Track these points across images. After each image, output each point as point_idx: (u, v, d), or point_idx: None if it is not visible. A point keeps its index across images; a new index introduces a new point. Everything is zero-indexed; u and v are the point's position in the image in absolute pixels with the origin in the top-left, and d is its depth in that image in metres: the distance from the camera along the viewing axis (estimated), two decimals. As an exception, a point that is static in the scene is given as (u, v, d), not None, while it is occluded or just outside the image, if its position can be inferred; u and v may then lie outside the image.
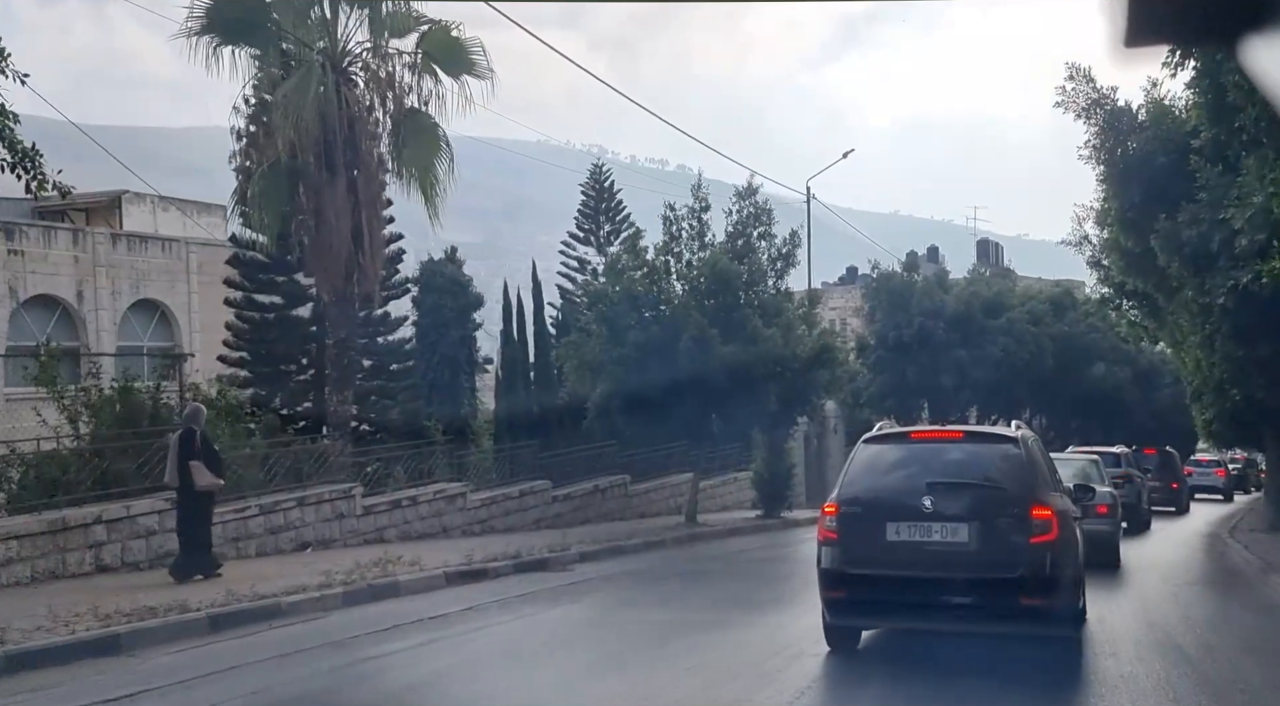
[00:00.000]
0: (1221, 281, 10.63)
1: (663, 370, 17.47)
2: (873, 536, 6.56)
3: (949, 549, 6.39)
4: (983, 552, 6.36)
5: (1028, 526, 6.32)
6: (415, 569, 11.14)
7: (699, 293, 18.02)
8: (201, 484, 10.18)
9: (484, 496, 16.72)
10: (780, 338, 17.76)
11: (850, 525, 6.67)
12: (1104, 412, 38.78)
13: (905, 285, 32.15)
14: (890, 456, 7.02)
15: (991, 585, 6.33)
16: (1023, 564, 6.27)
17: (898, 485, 6.69)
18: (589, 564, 13.68)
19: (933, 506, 6.41)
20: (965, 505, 6.47)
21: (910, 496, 6.52)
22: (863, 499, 6.74)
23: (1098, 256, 19.21)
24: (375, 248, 15.76)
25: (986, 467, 6.76)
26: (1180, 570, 13.13)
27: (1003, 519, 6.45)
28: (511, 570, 12.36)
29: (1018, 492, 6.53)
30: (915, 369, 30.82)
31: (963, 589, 6.41)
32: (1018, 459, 6.73)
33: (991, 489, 6.61)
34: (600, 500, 20.46)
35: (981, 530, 6.39)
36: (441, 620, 8.77)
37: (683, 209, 19.58)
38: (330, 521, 13.36)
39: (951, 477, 6.61)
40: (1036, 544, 6.28)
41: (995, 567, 6.33)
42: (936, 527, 6.41)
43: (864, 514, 6.66)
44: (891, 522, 6.52)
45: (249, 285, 20.80)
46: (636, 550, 15.38)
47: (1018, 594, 6.27)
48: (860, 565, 6.62)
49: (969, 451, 7.04)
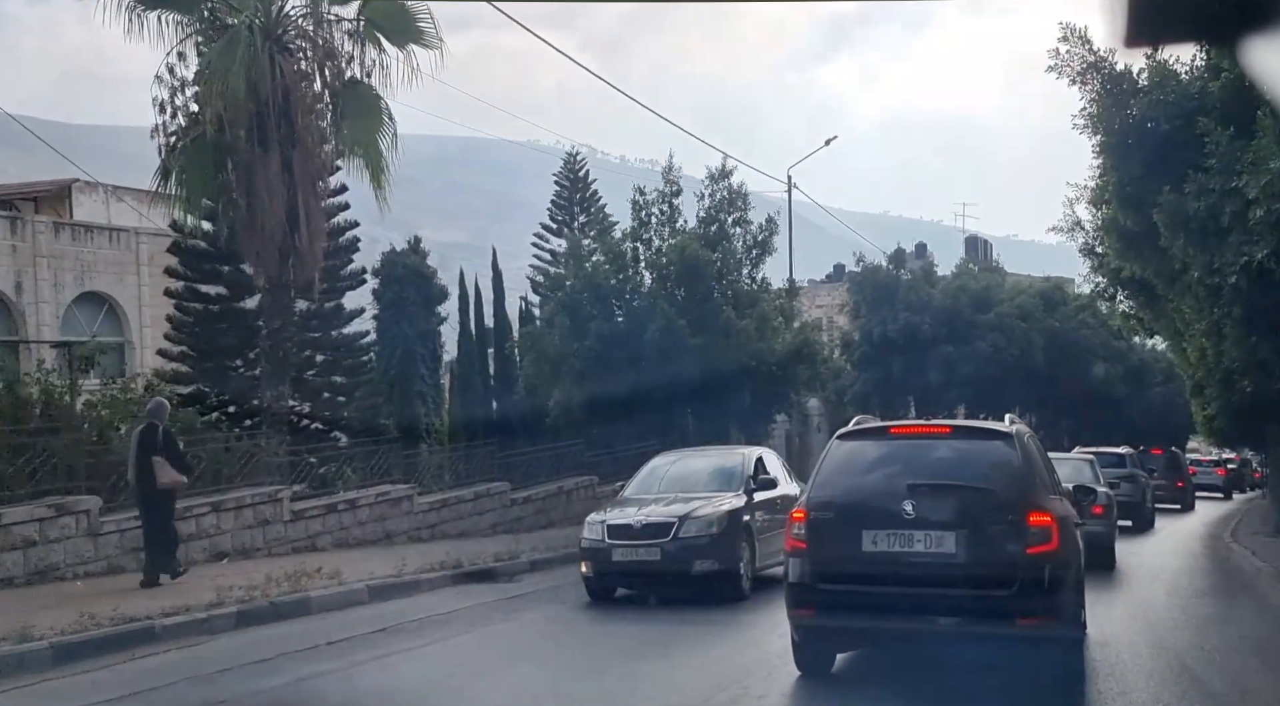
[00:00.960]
0: (1233, 258, 9.51)
1: (628, 364, 16.34)
2: (846, 546, 5.78)
3: (933, 561, 5.63)
4: (972, 565, 5.60)
5: (1024, 535, 5.56)
6: (334, 582, 9.93)
7: (668, 282, 16.87)
8: (164, 481, 9.70)
9: (434, 499, 15.49)
10: (755, 330, 16.63)
11: (821, 533, 5.89)
12: (1095, 411, 37.80)
13: (891, 280, 31.06)
14: (868, 455, 6.25)
15: (982, 603, 5.56)
16: (1018, 578, 5.50)
17: (875, 487, 5.94)
18: (540, 573, 12.50)
19: (915, 512, 5.65)
20: (952, 510, 5.73)
21: (889, 500, 5.75)
22: (836, 503, 5.98)
23: (1091, 243, 18.12)
24: (314, 231, 14.53)
25: (977, 468, 6.01)
26: (1185, 579, 12.04)
27: (995, 526, 5.71)
28: (448, 581, 11.17)
29: (1012, 496, 5.78)
30: (901, 365, 29.72)
31: (949, 607, 5.65)
32: (1012, 458, 5.96)
33: (982, 492, 5.86)
34: (565, 503, 19.24)
35: (971, 539, 5.63)
36: (341, 647, 7.56)
37: (653, 193, 18.47)
38: (253, 528, 12.12)
39: (937, 479, 5.89)
40: (1034, 555, 5.50)
41: (986, 583, 5.57)
42: (919, 536, 5.64)
43: (837, 520, 5.90)
44: (868, 530, 5.75)
45: (191, 275, 19.55)
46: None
47: (1012, 614, 5.49)
48: (832, 579, 5.84)
49: (957, 449, 6.24)
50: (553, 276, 16.25)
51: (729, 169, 18.21)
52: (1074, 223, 18.31)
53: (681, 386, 16.44)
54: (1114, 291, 18.16)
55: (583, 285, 15.98)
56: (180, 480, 10.04)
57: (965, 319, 30.44)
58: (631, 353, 16.23)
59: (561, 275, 16.30)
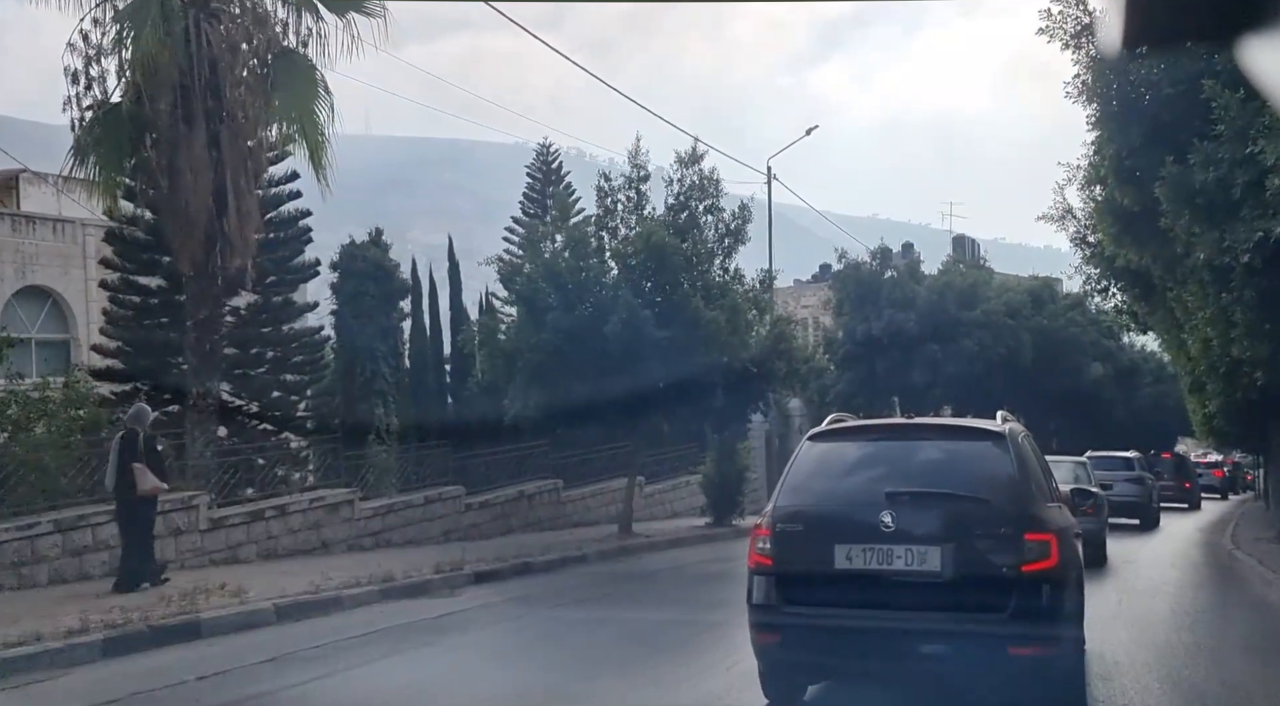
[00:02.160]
0: (1246, 235, 8.49)
1: (592, 360, 15.20)
2: (817, 563, 5.14)
3: (916, 580, 4.95)
4: (960, 585, 4.90)
5: (1019, 550, 4.89)
6: (235, 601, 8.78)
7: (633, 271, 15.74)
8: (144, 488, 9.61)
9: (377, 505, 14.34)
10: (726, 322, 15.51)
11: (788, 548, 5.23)
12: (1083, 411, 36.91)
13: (874, 277, 30.07)
14: (843, 457, 5.55)
15: (972, 628, 4.86)
16: (1012, 600, 4.83)
17: (851, 496, 5.28)
18: (485, 586, 11.36)
19: (895, 524, 4.98)
20: (938, 522, 5.04)
21: (866, 510, 5.06)
22: (805, 513, 5.29)
23: (1083, 231, 17.13)
24: (245, 214, 13.36)
25: (966, 473, 5.33)
26: (1190, 594, 11.01)
27: (987, 540, 5.03)
28: (377, 597, 10.03)
29: (1006, 506, 5.10)
30: (885, 364, 28.72)
31: (933, 632, 4.94)
32: (1005, 461, 5.27)
33: (972, 501, 5.14)
34: (527, 508, 18.13)
35: (959, 555, 4.93)
36: (211, 682, 6.42)
37: (619, 179, 17.35)
38: (162, 539, 10.94)
39: (920, 486, 5.21)
40: (1030, 573, 4.85)
41: (976, 605, 4.88)
42: (900, 552, 4.96)
43: (806, 533, 5.23)
44: (841, 545, 5.07)
45: (129, 266, 18.33)
46: (549, 567, 13.08)
47: (1005, 641, 4.80)
48: (800, 601, 5.21)
49: (944, 451, 5.53)
50: (507, 264, 15.08)
51: (699, 153, 17.11)
52: (1064, 210, 17.33)
53: (650, 383, 15.34)
54: (1107, 284, 17.16)
55: (540, 273, 14.84)
56: (161, 486, 9.91)
57: (951, 316, 29.45)
58: (595, 347, 15.11)
59: (517, 263, 15.13)
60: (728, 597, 10.74)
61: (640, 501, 22.37)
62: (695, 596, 10.96)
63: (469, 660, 7.53)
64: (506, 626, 8.78)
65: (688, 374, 15.60)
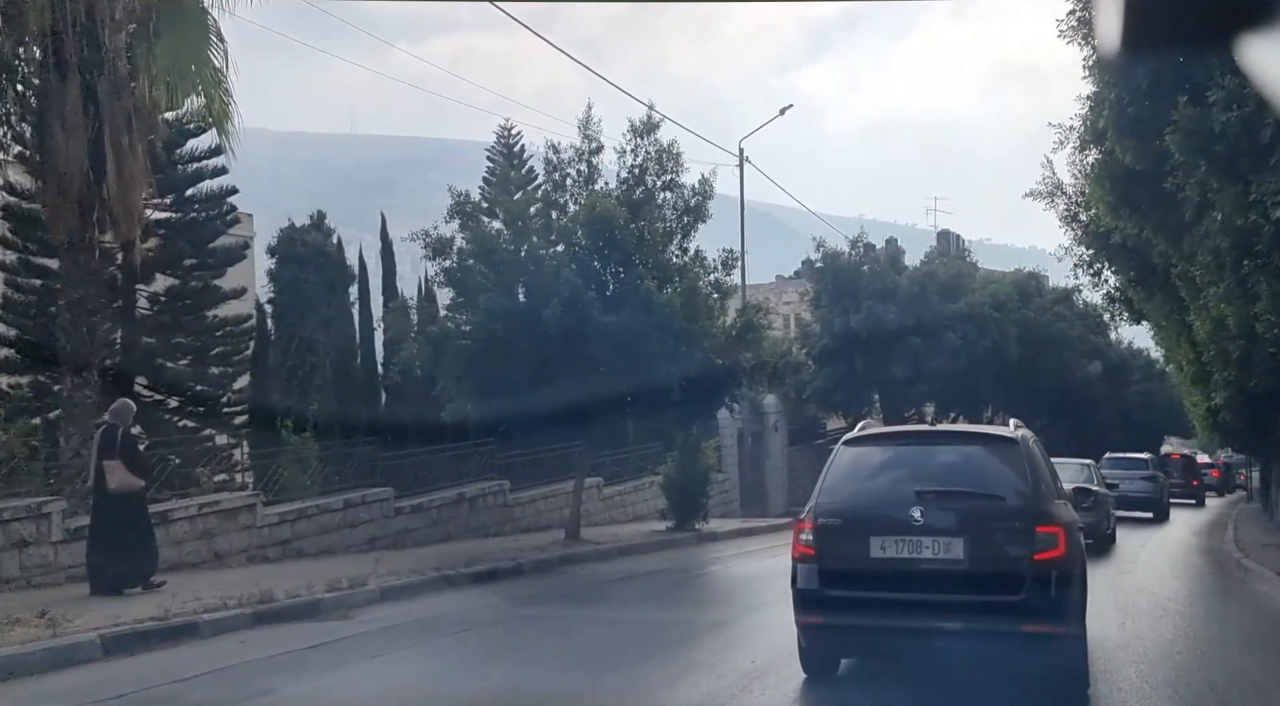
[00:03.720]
0: (1278, 185, 6.99)
1: (530, 347, 13.65)
2: (855, 553, 5.80)
3: (942, 567, 5.64)
4: (980, 571, 5.62)
5: (1031, 541, 5.56)
6: (49, 632, 7.16)
7: (580, 249, 14.17)
8: (113, 484, 9.36)
9: (285, 510, 12.72)
10: (680, 306, 13.96)
11: (829, 540, 5.90)
12: (1072, 409, 35.59)
13: (853, 267, 28.62)
14: (874, 460, 6.25)
15: (990, 608, 5.54)
16: (1025, 584, 5.51)
17: (883, 494, 5.95)
18: (390, 606, 9.79)
19: (923, 518, 5.66)
20: (960, 517, 5.75)
21: (898, 507, 5.75)
22: (843, 510, 5.96)
23: (1074, 208, 15.68)
24: (130, 179, 11.71)
25: (984, 473, 6.05)
26: (1200, 610, 9.55)
27: (1003, 533, 5.77)
28: (247, 622, 8.44)
29: (1019, 502, 5.81)
30: (864, 359, 27.28)
31: (957, 612, 5.62)
32: (1018, 463, 5.95)
33: (990, 498, 5.93)
34: (468, 512, 16.54)
35: (978, 545, 5.67)
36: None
37: (569, 150, 15.80)
38: (5, 552, 9.31)
39: (945, 485, 5.93)
40: (1041, 561, 5.51)
41: (994, 588, 5.58)
42: (927, 543, 5.67)
43: (845, 527, 5.90)
44: (876, 537, 5.76)
45: (31, 247, 16.66)
46: (476, 580, 11.51)
47: (1020, 618, 5.46)
48: (840, 585, 5.84)
49: (964, 455, 6.26)
50: (434, 239, 13.48)
51: (654, 121, 15.55)
52: (1054, 186, 15.88)
53: (599, 375, 13.81)
54: (1100, 265, 15.70)
55: (472, 250, 13.26)
56: (136, 484, 9.62)
57: (933, 309, 28.03)
58: (535, 333, 13.57)
59: (447, 239, 13.53)
60: (685, 620, 9.26)
61: (599, 504, 20.84)
62: (647, 619, 9.39)
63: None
64: (381, 662, 7.20)
65: (641, 364, 14.07)
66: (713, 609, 10.36)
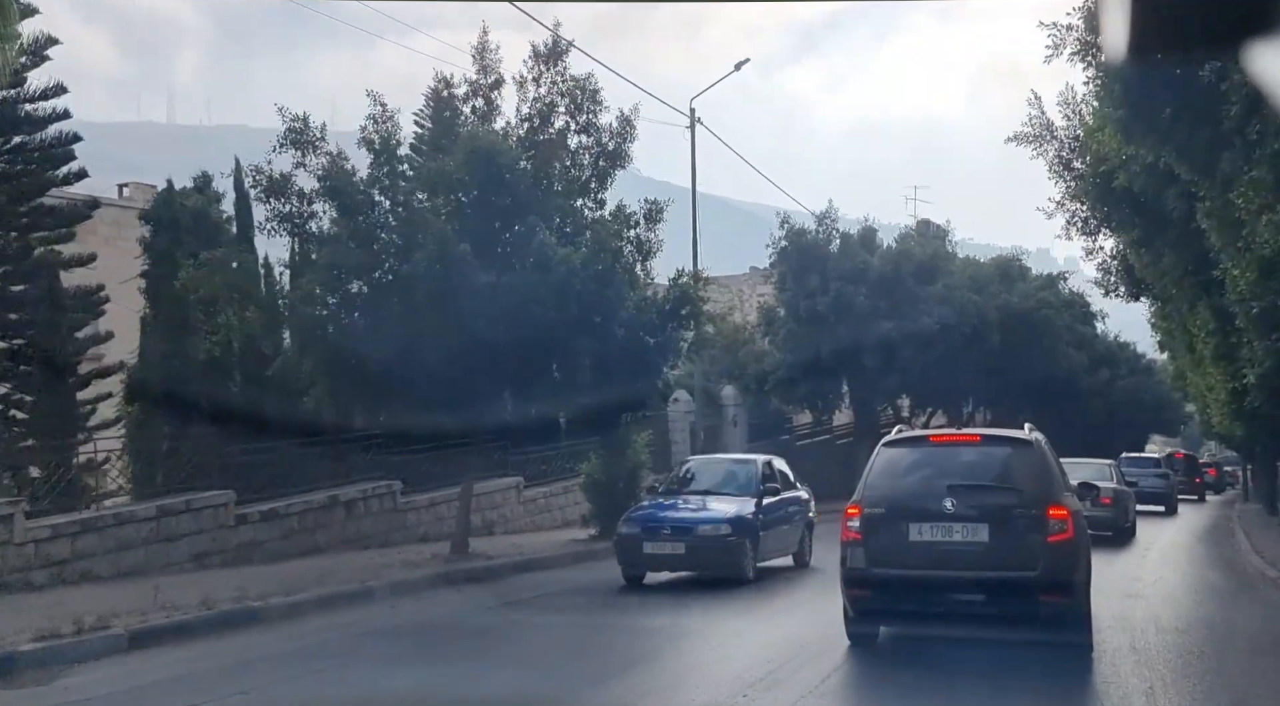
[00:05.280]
0: None
1: (402, 315, 10.95)
2: (895, 537, 6.78)
3: (970, 548, 6.61)
4: (1002, 551, 6.57)
5: (1045, 526, 6.53)
6: None
7: (461, 195, 11.43)
8: None
9: (63, 521, 9.92)
10: (581, 264, 11.24)
11: (874, 526, 6.86)
12: (1058, 404, 33.18)
13: (820, 244, 25.97)
14: (910, 459, 7.19)
15: (1011, 583, 6.50)
16: (1041, 562, 6.48)
17: (919, 487, 6.91)
18: (140, 656, 7.09)
19: (954, 508, 6.65)
20: (985, 506, 6.70)
21: (932, 498, 6.75)
22: (886, 501, 6.92)
23: (1067, 155, 13.13)
24: None
25: (1004, 470, 7.01)
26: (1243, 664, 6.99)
27: (1022, 519, 6.66)
28: None
29: (1035, 494, 6.76)
30: (832, 345, 24.60)
31: (983, 587, 6.55)
32: (1034, 461, 6.96)
33: (1010, 491, 6.87)
34: (344, 518, 13.79)
35: (1001, 530, 6.62)
36: None
37: (463, 85, 13.07)
38: None
39: (972, 480, 6.86)
40: (1053, 543, 6.51)
41: (1014, 565, 6.53)
42: (958, 528, 6.66)
43: (887, 515, 6.86)
44: (914, 523, 6.74)
45: None
46: (292, 614, 8.76)
47: (1036, 591, 6.46)
48: (884, 565, 6.77)
49: (986, 454, 7.21)
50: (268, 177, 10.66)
51: (561, 47, 12.81)
52: (1044, 127, 13.30)
53: (483, 350, 11.12)
54: (1097, 219, 13.12)
55: (319, 189, 10.50)
56: None
57: (908, 290, 25.43)
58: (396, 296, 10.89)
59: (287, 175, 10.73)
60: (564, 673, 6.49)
61: (519, 509, 18.13)
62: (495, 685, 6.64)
63: None
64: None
65: (538, 338, 11.38)
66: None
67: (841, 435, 30.15)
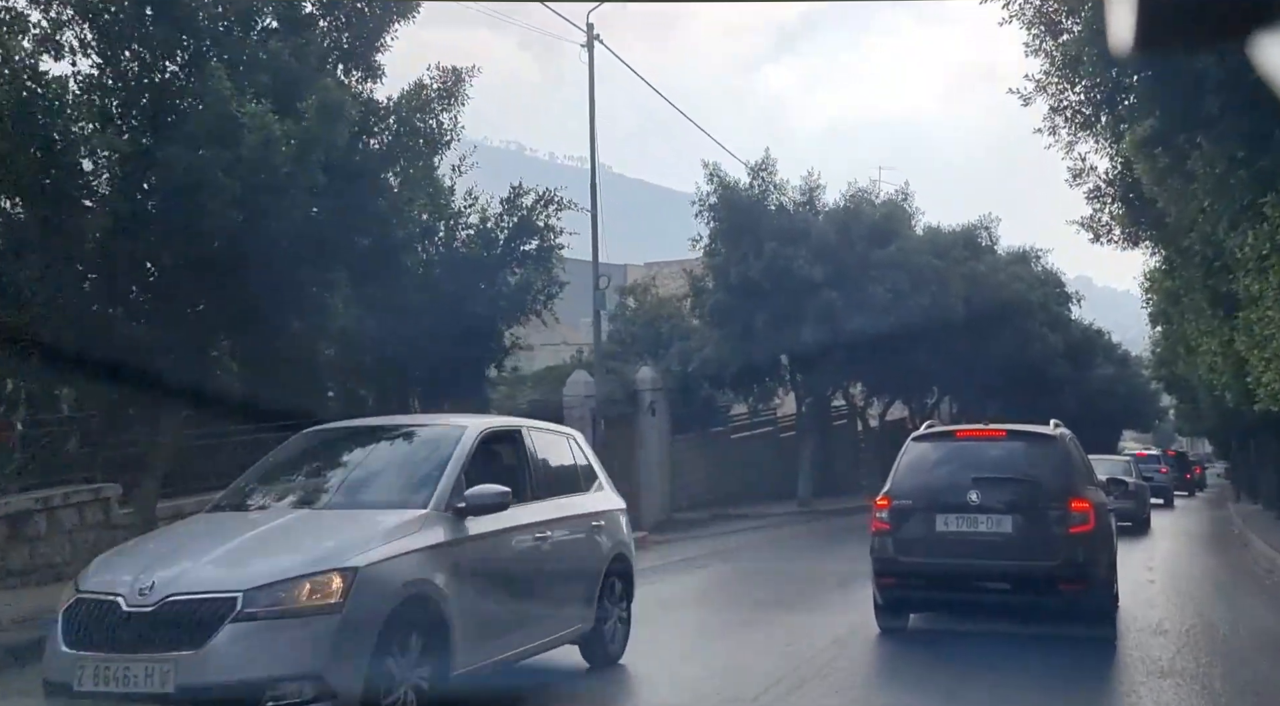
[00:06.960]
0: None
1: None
2: (923, 527, 7.14)
3: (994, 539, 6.96)
4: (1025, 542, 6.91)
5: (1067, 518, 6.92)
6: None
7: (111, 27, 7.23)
8: None
9: None
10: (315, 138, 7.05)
11: (902, 518, 7.23)
12: (1030, 393, 29.41)
13: (754, 201, 21.88)
14: (937, 453, 7.63)
15: (1033, 572, 6.88)
16: (1062, 552, 6.84)
17: (946, 480, 7.25)
18: None
19: (980, 500, 7.02)
20: (1009, 498, 7.05)
21: (958, 491, 7.12)
22: (914, 493, 7.27)
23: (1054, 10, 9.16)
24: None
25: (1028, 463, 7.38)
26: None
27: (1044, 511, 7.00)
28: None
29: (1058, 487, 7.14)
30: (766, 316, 20.63)
31: (1006, 576, 6.94)
32: (1057, 455, 7.40)
33: (1033, 483, 7.21)
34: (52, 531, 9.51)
35: (1024, 521, 6.97)
36: None
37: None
38: None
39: (996, 473, 7.24)
40: (1075, 534, 6.85)
41: (1037, 555, 6.87)
42: (983, 519, 7.01)
43: (915, 507, 7.22)
44: (940, 514, 7.09)
45: None
46: None
47: (1057, 580, 6.84)
48: (911, 554, 7.17)
49: (1011, 449, 7.62)
50: None
51: None
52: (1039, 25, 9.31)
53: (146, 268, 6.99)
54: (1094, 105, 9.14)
55: None
56: None
57: (858, 255, 21.48)
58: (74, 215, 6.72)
59: None
60: None
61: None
62: None
63: None
64: None
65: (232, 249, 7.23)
66: None
67: (786, 427, 26.17)
